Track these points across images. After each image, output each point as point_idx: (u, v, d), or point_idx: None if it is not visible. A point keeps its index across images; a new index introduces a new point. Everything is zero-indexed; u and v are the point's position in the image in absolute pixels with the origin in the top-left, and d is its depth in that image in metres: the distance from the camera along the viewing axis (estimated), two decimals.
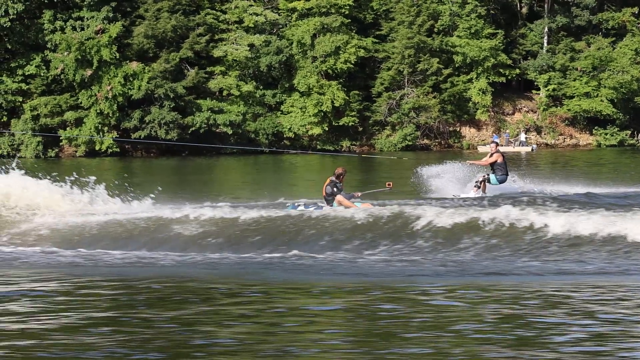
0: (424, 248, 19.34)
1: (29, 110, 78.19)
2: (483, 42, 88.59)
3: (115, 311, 12.25)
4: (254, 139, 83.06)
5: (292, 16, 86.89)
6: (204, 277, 16.39)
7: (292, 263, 18.11)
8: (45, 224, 22.66)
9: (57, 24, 79.38)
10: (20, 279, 16.04)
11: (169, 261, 18.58)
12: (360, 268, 17.31)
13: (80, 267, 17.83)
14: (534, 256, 18.08)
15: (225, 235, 21.13)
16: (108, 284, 15.23)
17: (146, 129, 78.86)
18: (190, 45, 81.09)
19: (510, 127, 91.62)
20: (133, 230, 22.05)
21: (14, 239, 21.73)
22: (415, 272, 16.37)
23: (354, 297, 13.37)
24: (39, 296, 13.57)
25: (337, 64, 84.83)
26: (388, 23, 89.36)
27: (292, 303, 12.91)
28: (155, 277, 16.09)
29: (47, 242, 21.24)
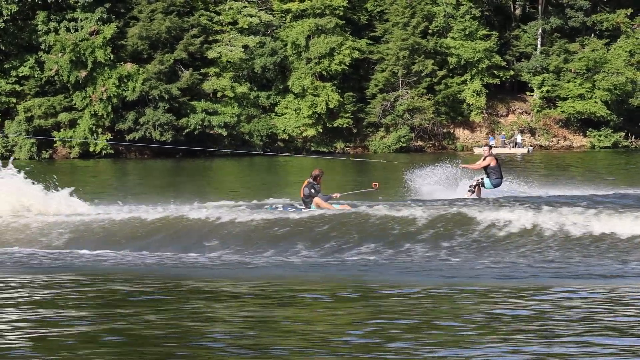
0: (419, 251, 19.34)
1: (23, 112, 77.98)
2: (477, 44, 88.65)
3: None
4: (248, 141, 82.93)
5: (286, 17, 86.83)
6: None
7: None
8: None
9: (50, 25, 79.16)
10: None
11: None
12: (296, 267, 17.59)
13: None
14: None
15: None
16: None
17: (140, 131, 78.69)
18: (184, 47, 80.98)
19: (505, 128, 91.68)
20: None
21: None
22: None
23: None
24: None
25: (332, 66, 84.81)
26: (382, 24, 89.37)
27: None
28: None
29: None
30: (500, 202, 22.87)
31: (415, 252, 18.84)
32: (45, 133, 78.92)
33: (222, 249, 20.04)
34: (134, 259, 19.03)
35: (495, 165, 27.32)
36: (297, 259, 18.74)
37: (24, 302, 13.45)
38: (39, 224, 22.52)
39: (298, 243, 19.79)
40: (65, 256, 19.42)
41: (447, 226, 19.91)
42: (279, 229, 20.74)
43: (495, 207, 21.22)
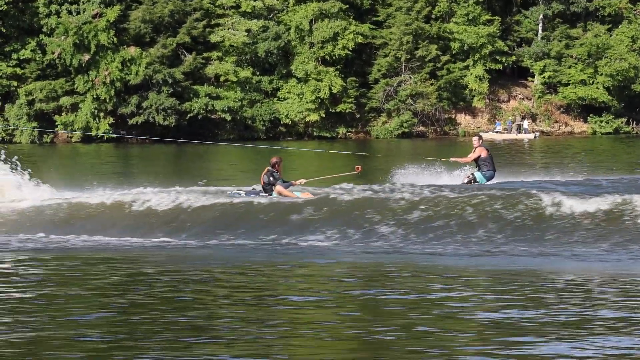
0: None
1: (24, 95, 77.39)
2: (480, 29, 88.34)
3: None
4: (251, 126, 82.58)
5: (288, 1, 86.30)
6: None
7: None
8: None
9: (52, 7, 78.51)
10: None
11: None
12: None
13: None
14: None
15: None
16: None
17: (143, 115, 78.24)
18: (187, 30, 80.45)
19: (506, 114, 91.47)
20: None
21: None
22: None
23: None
24: None
25: (335, 50, 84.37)
26: (385, 9, 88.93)
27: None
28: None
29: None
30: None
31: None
32: (46, 117, 78.51)
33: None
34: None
35: (487, 156, 26.11)
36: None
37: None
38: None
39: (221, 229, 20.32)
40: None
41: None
42: (209, 214, 21.19)
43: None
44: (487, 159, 26.07)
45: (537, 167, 31.02)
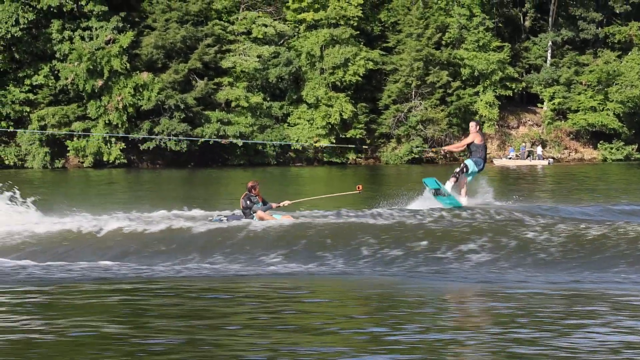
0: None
1: (36, 121, 77.64)
2: (491, 55, 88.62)
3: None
4: (261, 151, 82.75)
5: (299, 27, 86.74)
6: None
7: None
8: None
9: (65, 33, 78.87)
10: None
11: None
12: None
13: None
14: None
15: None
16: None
17: (155, 140, 78.43)
18: (199, 56, 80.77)
19: (516, 140, 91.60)
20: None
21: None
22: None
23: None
24: None
25: (346, 76, 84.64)
26: (395, 35, 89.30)
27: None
28: None
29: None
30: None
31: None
32: (58, 142, 78.75)
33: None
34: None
35: (481, 143, 24.86)
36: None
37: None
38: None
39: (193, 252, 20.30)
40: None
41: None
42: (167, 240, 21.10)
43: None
44: (480, 145, 24.80)
45: (593, 192, 29.89)
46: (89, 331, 11.84)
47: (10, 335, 11.61)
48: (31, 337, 11.54)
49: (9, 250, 21.14)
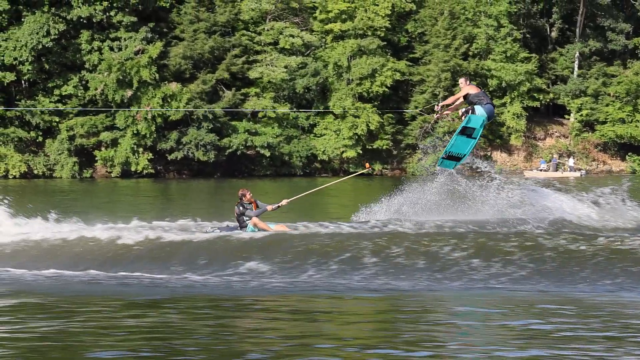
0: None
1: (65, 131, 78.07)
2: (518, 66, 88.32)
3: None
4: (288, 162, 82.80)
5: (326, 38, 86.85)
6: None
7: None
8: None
9: (94, 44, 79.39)
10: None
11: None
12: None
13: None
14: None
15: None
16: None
17: (182, 150, 78.67)
18: (226, 67, 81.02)
19: (543, 152, 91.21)
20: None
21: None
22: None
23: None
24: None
25: (373, 87, 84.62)
26: (422, 46, 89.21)
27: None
28: None
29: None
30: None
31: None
32: (86, 152, 79.17)
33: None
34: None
35: (479, 92, 23.59)
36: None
37: None
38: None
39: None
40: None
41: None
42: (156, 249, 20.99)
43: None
44: (480, 94, 23.57)
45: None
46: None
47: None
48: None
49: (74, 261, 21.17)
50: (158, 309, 14.73)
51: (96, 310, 14.61)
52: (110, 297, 16.33)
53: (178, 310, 14.69)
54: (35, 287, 17.73)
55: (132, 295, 16.63)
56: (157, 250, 21.00)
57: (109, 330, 12.43)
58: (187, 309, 14.73)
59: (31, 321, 13.31)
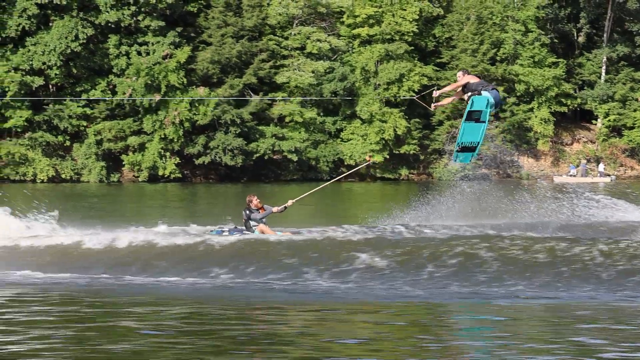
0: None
1: (93, 135, 78.24)
2: (546, 71, 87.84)
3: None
4: (314, 167, 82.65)
5: (353, 43, 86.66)
6: None
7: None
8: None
9: (122, 48, 79.56)
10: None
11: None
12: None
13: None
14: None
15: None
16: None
17: (210, 155, 78.66)
18: (253, 71, 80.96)
19: (570, 157, 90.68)
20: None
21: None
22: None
23: None
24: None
25: (401, 92, 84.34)
26: (449, 51, 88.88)
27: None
28: None
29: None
30: None
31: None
32: (113, 156, 79.33)
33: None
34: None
35: (480, 81, 22.51)
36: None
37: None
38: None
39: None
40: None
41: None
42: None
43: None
44: (482, 82, 22.48)
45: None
46: None
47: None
48: None
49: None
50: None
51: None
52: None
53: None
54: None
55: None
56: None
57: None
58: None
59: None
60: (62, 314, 14.91)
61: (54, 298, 17.09)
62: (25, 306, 15.84)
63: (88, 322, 14.03)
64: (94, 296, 17.47)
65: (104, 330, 13.08)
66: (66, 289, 18.43)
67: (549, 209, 25.45)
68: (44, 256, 21.79)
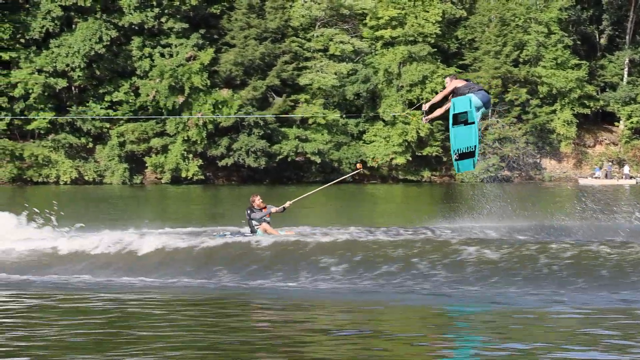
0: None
1: (116, 137, 78.32)
2: (569, 73, 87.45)
3: None
4: (337, 168, 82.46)
5: (376, 45, 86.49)
6: None
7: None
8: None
9: (145, 50, 79.63)
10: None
11: None
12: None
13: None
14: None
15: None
16: None
17: (233, 157, 78.61)
18: (277, 73, 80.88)
19: (593, 159, 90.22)
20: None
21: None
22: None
23: None
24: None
25: (423, 94, 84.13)
26: (471, 53, 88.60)
27: None
28: None
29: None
30: None
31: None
32: (135, 158, 79.38)
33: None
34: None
35: (467, 83, 21.48)
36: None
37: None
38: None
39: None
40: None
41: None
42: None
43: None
44: (469, 84, 21.46)
45: None
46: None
47: None
48: None
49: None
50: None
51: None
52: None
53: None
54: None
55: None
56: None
57: None
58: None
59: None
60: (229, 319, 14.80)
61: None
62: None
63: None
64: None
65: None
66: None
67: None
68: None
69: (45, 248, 22.38)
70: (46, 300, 16.70)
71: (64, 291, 18.05)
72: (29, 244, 22.61)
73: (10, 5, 77.53)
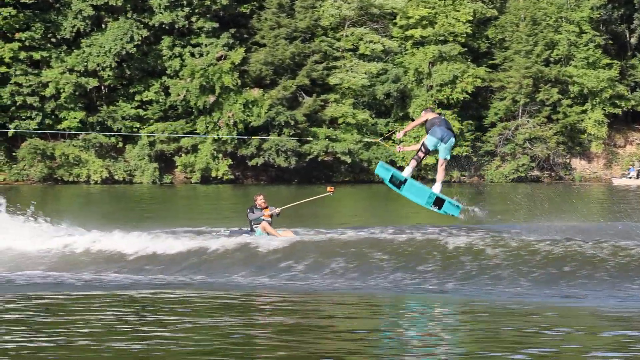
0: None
1: (146, 136, 78.38)
2: (600, 73, 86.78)
3: None
4: (366, 168, 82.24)
5: (405, 44, 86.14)
6: None
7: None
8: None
9: (175, 50, 79.66)
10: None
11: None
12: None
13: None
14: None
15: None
16: None
17: (263, 156, 78.54)
18: (306, 73, 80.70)
19: (624, 159, 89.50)
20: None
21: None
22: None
23: None
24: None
25: (454, 94, 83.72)
26: (502, 52, 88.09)
27: None
28: None
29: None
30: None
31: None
32: (165, 157, 79.46)
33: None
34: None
35: (436, 118, 22.15)
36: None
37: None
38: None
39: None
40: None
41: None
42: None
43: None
44: (434, 119, 22.12)
45: None
46: None
47: None
48: None
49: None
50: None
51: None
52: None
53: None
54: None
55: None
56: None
57: None
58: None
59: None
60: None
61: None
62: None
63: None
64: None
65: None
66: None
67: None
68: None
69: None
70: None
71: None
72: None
73: (41, 4, 77.75)
